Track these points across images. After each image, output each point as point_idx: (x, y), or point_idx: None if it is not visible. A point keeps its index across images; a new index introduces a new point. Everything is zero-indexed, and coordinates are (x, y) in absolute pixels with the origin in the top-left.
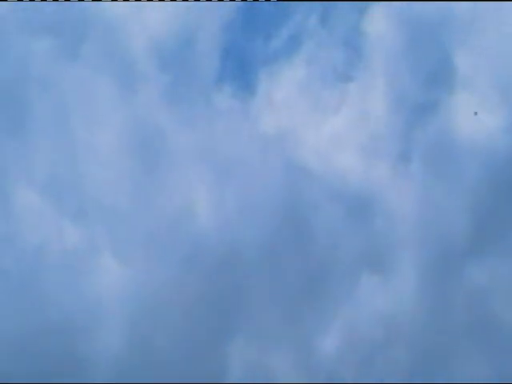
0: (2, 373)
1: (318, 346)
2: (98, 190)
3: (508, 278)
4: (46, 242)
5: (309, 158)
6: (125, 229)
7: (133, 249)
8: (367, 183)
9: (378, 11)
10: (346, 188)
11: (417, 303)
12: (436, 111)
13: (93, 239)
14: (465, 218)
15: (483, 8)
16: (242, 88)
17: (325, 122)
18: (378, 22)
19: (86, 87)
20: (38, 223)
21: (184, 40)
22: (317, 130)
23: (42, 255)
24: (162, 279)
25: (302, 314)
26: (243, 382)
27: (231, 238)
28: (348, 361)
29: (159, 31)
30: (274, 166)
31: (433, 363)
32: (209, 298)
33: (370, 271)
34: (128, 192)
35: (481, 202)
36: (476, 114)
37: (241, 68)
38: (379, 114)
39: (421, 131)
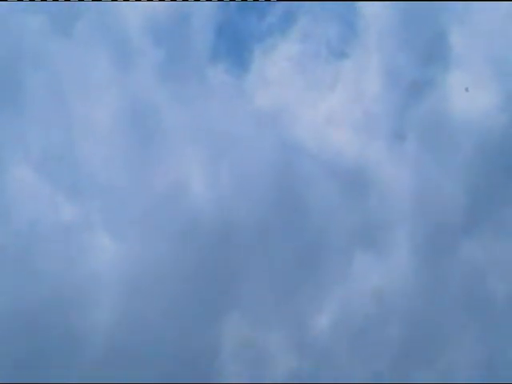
0: None
1: (312, 323)
2: (92, 166)
3: (502, 254)
4: (40, 218)
5: (303, 135)
6: (119, 205)
7: (127, 225)
8: (362, 160)
9: None
10: (340, 165)
11: (411, 280)
12: (430, 89)
13: (87, 215)
14: (459, 195)
15: None
16: (236, 64)
17: (319, 99)
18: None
19: (80, 63)
20: (32, 199)
21: (178, 16)
22: (311, 107)
23: (35, 231)
24: (156, 255)
25: (295, 290)
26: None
27: (225, 215)
28: (342, 337)
29: (153, 8)
30: (269, 142)
31: (426, 340)
32: (203, 274)
33: (364, 248)
34: (122, 168)
35: (475, 180)
36: (467, 89)
37: (235, 44)
38: (374, 92)
39: (415, 109)
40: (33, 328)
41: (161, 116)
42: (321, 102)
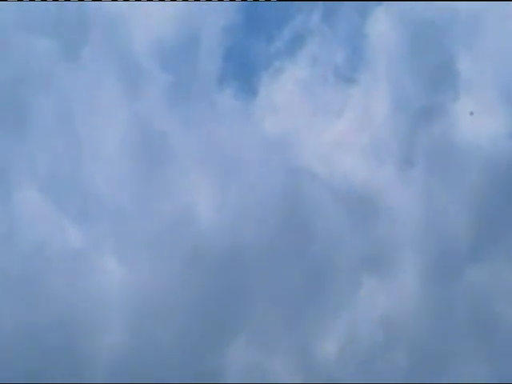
0: (2, 371)
1: (318, 349)
2: (99, 190)
3: (509, 281)
4: (47, 242)
5: (311, 160)
6: (126, 229)
7: (134, 249)
8: (369, 186)
9: (380, 12)
10: (347, 191)
11: (418, 306)
12: (439, 115)
13: (95, 239)
14: (466, 221)
15: (486, 9)
16: (244, 89)
17: (327, 125)
18: (381, 24)
19: (87, 87)
20: (40, 222)
21: (186, 40)
22: (319, 133)
23: (43, 255)
24: (163, 280)
25: (302, 316)
26: (244, 383)
27: (233, 240)
28: (348, 364)
29: (161, 31)
30: (276, 167)
31: (433, 366)
32: (210, 299)
33: (371, 274)
34: (130, 192)
35: (482, 206)
36: (472, 113)
37: (243, 69)
38: (382, 117)
39: (423, 135)
40: (38, 352)
41: (168, 140)
42: (329, 127)
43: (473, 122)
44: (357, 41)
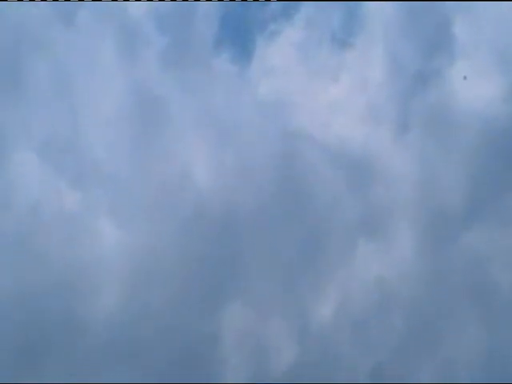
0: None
1: (314, 312)
2: (96, 154)
3: (505, 243)
4: (43, 204)
5: (307, 124)
6: (123, 192)
7: (130, 213)
8: (366, 150)
9: None
10: (344, 154)
11: (413, 269)
12: (435, 79)
13: (91, 202)
14: (462, 184)
15: None
16: (240, 53)
17: (323, 88)
18: None
19: (83, 50)
20: (36, 185)
21: (182, 4)
22: (315, 96)
23: (38, 217)
24: (159, 243)
25: (298, 279)
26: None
27: (229, 203)
28: (343, 326)
29: None
30: (273, 131)
31: (428, 328)
32: (205, 261)
33: (366, 237)
34: (126, 155)
35: (478, 169)
36: (465, 78)
37: (239, 33)
38: (378, 81)
39: (419, 99)
40: (35, 314)
41: (165, 104)
42: (325, 90)
43: (468, 86)
44: (353, 4)
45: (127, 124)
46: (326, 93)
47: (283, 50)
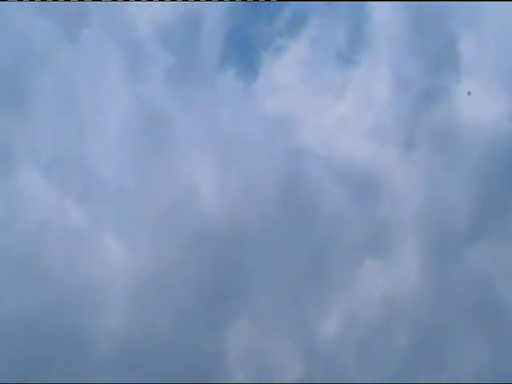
0: (5, 349)
1: (320, 329)
2: (101, 171)
3: (509, 262)
4: (48, 221)
5: (313, 141)
6: (128, 210)
7: (136, 229)
8: (371, 167)
9: None
10: (349, 172)
11: (418, 286)
12: (440, 97)
13: (96, 220)
14: (467, 202)
15: None
16: (245, 70)
17: (329, 106)
18: (383, 5)
19: (89, 68)
20: (41, 202)
21: (188, 22)
22: (321, 114)
23: (44, 234)
24: (164, 260)
25: (303, 296)
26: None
27: (234, 220)
28: (349, 344)
29: (163, 13)
30: (278, 147)
31: (433, 345)
32: (211, 279)
33: (372, 254)
34: (132, 173)
35: (483, 188)
36: (470, 94)
37: (244, 50)
38: (383, 99)
39: (425, 117)
40: (40, 331)
41: (170, 121)
42: (330, 108)
43: (474, 103)
44: (358, 21)
45: (133, 141)
46: (332, 110)
47: (288, 66)
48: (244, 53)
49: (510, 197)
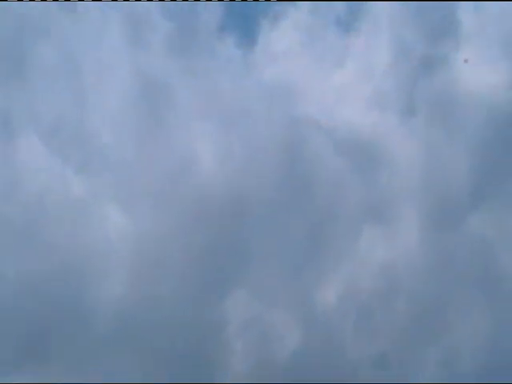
0: (7, 319)
1: (318, 299)
2: (102, 140)
3: (510, 229)
4: (49, 191)
5: (312, 109)
6: (128, 179)
7: (136, 200)
8: (371, 135)
9: None
10: (349, 140)
11: (418, 255)
12: (440, 65)
13: (97, 189)
14: (467, 170)
15: None
16: (244, 38)
17: (329, 74)
18: None
19: (89, 36)
20: (42, 172)
21: None
22: (321, 82)
23: (45, 204)
24: (164, 230)
25: (303, 266)
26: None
27: (234, 189)
28: (348, 313)
29: None
30: (278, 116)
31: (433, 314)
32: (210, 249)
33: (372, 223)
34: (132, 142)
35: (482, 156)
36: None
37: (243, 18)
38: (383, 67)
39: (425, 85)
40: (40, 300)
41: (170, 90)
42: (330, 75)
43: (474, 71)
44: None
45: (132, 110)
46: (332, 78)
47: (288, 34)
48: (243, 21)
49: (509, 164)
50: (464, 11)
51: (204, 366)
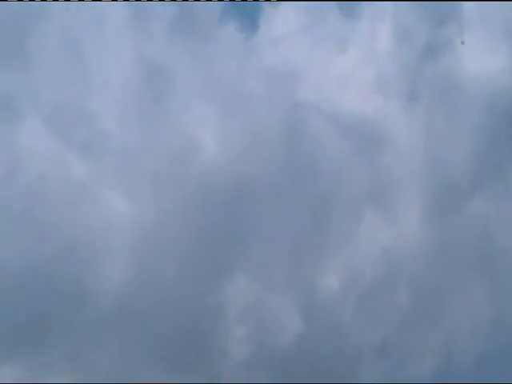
0: (8, 302)
1: (320, 284)
2: (104, 123)
3: (510, 213)
4: (50, 172)
5: (315, 94)
6: (130, 163)
7: (138, 183)
8: (373, 120)
9: None
10: (352, 125)
11: (420, 239)
12: (443, 50)
13: (98, 172)
14: (469, 156)
15: None
16: (246, 22)
17: (331, 59)
18: None
19: (92, 20)
20: (43, 153)
21: None
22: (323, 67)
23: (47, 186)
24: (165, 213)
25: (304, 251)
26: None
27: (236, 173)
28: (349, 298)
29: None
30: (280, 100)
31: (434, 299)
32: (212, 232)
33: (373, 208)
34: (134, 125)
35: (485, 141)
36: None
37: (245, 1)
38: (386, 52)
39: (428, 70)
40: (42, 282)
41: (172, 74)
42: (333, 60)
43: (477, 56)
44: None
45: (135, 95)
46: (334, 63)
47: (290, 18)
48: (244, 5)
49: (511, 149)
50: None
51: (204, 351)
